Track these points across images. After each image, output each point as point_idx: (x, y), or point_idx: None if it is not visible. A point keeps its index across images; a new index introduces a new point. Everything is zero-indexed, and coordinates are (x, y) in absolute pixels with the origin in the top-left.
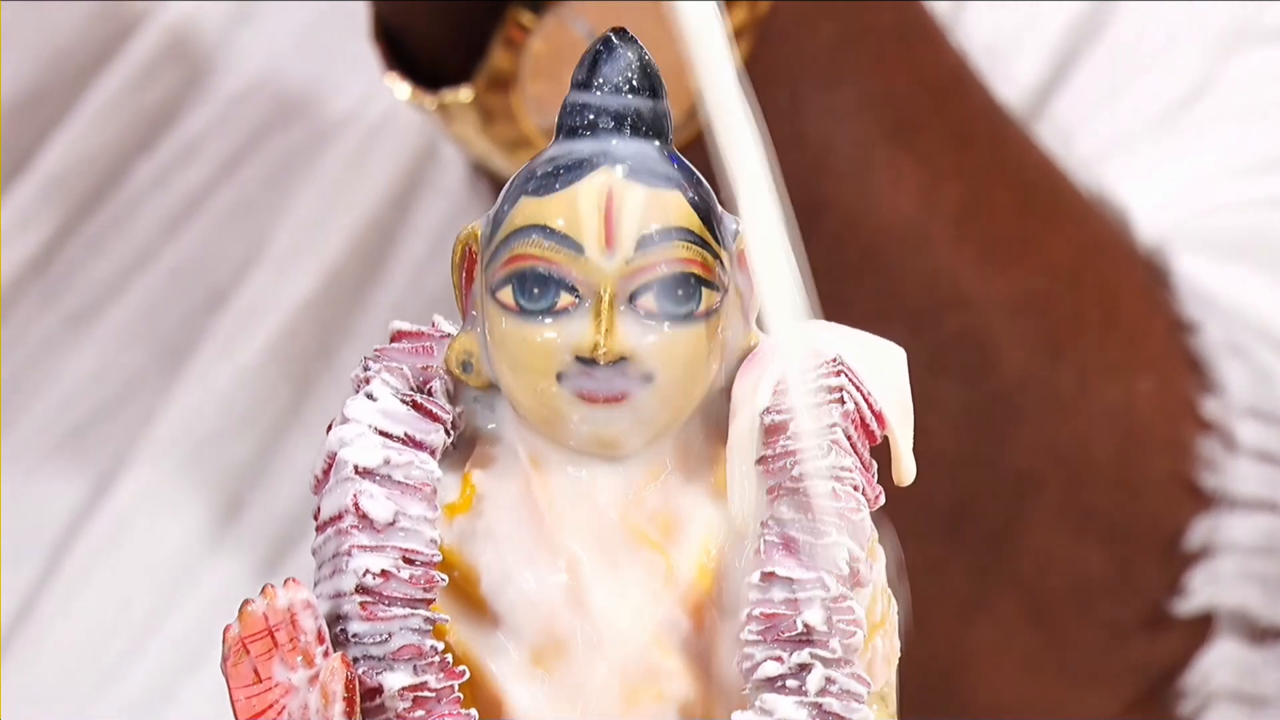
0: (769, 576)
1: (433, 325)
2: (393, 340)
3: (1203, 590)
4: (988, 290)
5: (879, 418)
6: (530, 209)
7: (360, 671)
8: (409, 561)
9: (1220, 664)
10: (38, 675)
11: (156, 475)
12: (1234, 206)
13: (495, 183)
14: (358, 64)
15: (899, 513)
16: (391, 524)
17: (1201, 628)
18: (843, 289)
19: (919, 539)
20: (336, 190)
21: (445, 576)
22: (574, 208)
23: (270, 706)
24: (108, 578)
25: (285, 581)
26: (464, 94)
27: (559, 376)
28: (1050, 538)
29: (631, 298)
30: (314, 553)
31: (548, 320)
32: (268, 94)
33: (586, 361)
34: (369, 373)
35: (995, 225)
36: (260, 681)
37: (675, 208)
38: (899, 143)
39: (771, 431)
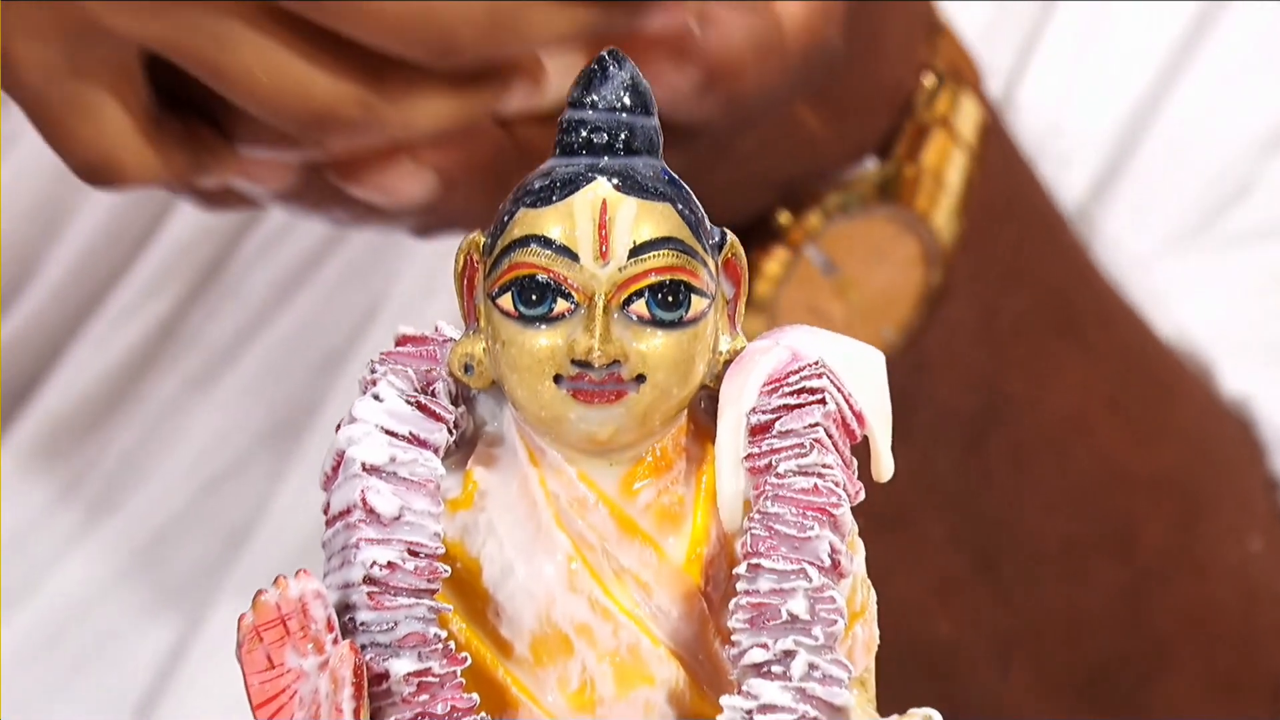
0: (755, 568)
1: (436, 330)
2: (398, 344)
3: None
4: (1134, 468)
5: (859, 418)
6: (528, 220)
7: (368, 658)
8: (414, 554)
9: None
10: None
11: (287, 532)
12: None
13: None
14: None
15: (1039, 670)
16: (397, 518)
17: None
18: (1019, 479)
19: (1054, 696)
20: (440, 256)
21: (448, 568)
22: (570, 219)
23: (283, 691)
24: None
25: (297, 573)
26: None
27: (556, 378)
28: (1182, 695)
29: (624, 303)
30: (323, 545)
31: (545, 325)
32: None
33: (582, 364)
34: (376, 375)
35: (1137, 406)
36: (273, 667)
37: (665, 219)
38: (1061, 333)
39: (756, 431)
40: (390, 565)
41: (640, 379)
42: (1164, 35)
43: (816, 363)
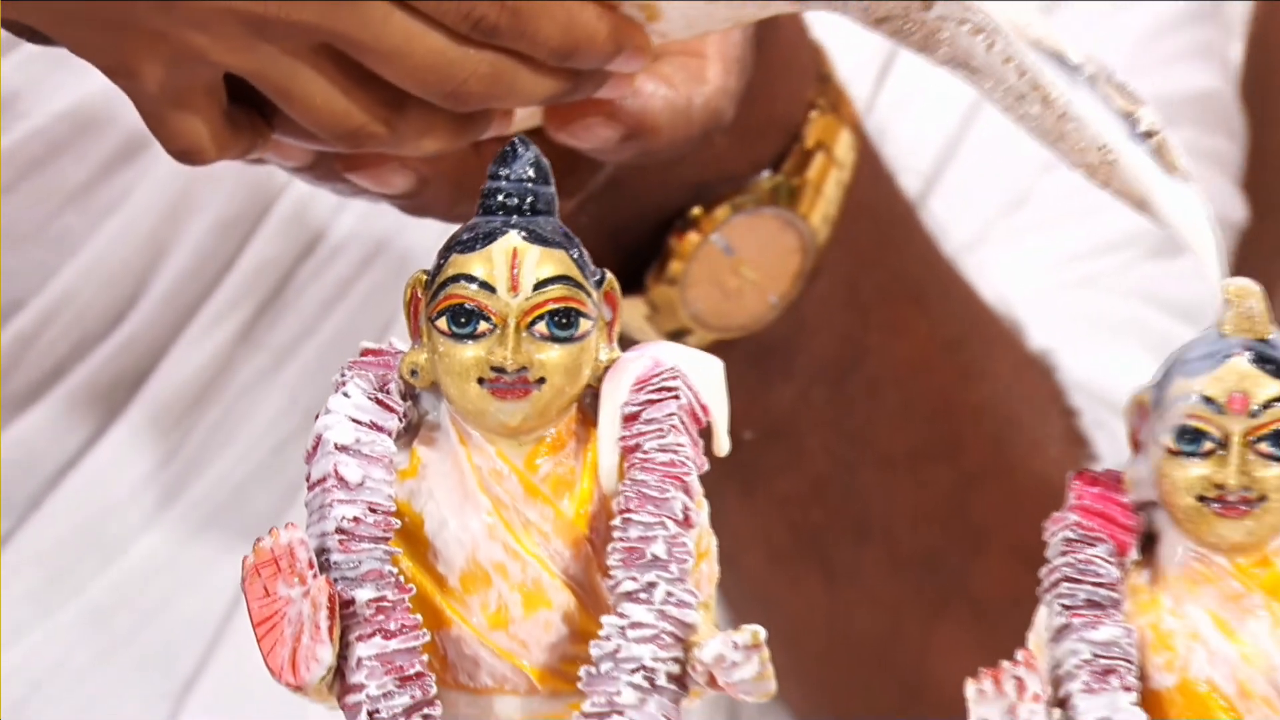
0: (627, 520)
1: (390, 345)
2: (362, 355)
3: None
4: (961, 398)
5: (704, 409)
6: (459, 263)
7: (339, 588)
8: (373, 510)
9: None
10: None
11: None
12: (1070, 285)
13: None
14: None
15: (890, 549)
16: (361, 484)
17: None
18: (873, 405)
19: (901, 570)
20: None
21: (399, 521)
22: (490, 262)
23: (276, 613)
24: None
25: (286, 525)
26: (637, 302)
27: (479, 380)
28: (997, 571)
29: (530, 325)
30: (306, 505)
31: (471, 341)
32: (391, 218)
33: (499, 370)
34: (345, 378)
35: (965, 353)
36: (269, 596)
37: (561, 262)
38: (910, 300)
39: (628, 419)
40: (356, 519)
41: (541, 381)
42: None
43: (672, 368)
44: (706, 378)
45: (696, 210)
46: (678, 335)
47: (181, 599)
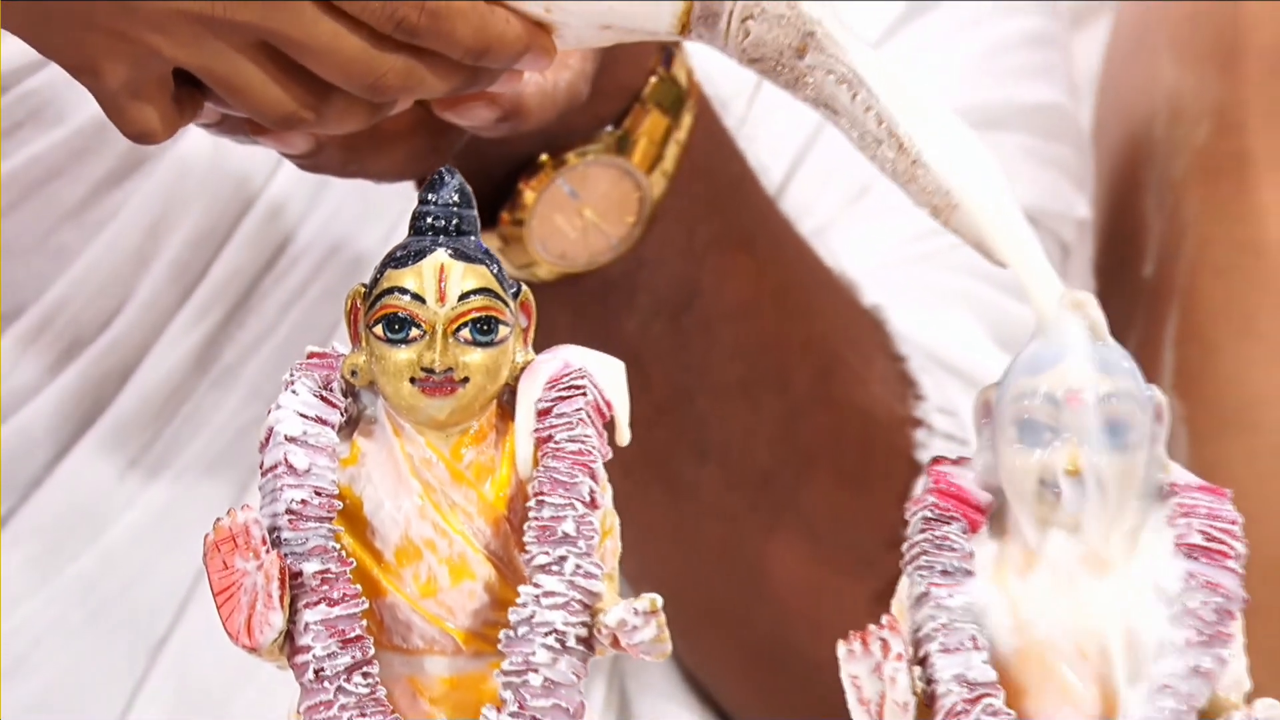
0: (541, 502)
1: (333, 349)
2: (309, 358)
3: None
4: (789, 335)
5: (608, 405)
6: (393, 277)
7: (289, 562)
8: (318, 494)
9: None
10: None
11: None
12: (907, 261)
13: None
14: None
15: (725, 469)
16: (308, 471)
17: None
18: (709, 340)
19: (738, 488)
20: None
21: (341, 503)
22: (420, 276)
23: (233, 584)
24: None
25: (243, 506)
26: (491, 236)
27: (411, 380)
28: (824, 492)
29: (455, 331)
30: (260, 489)
31: (404, 345)
32: (341, 233)
33: (428, 370)
34: (293, 378)
35: (793, 295)
36: (227, 569)
37: (482, 276)
38: (740, 248)
39: (541, 414)
40: (303, 502)
41: (465, 380)
42: None
43: (580, 369)
44: (609, 377)
45: (544, 158)
46: (527, 266)
47: (157, 567)
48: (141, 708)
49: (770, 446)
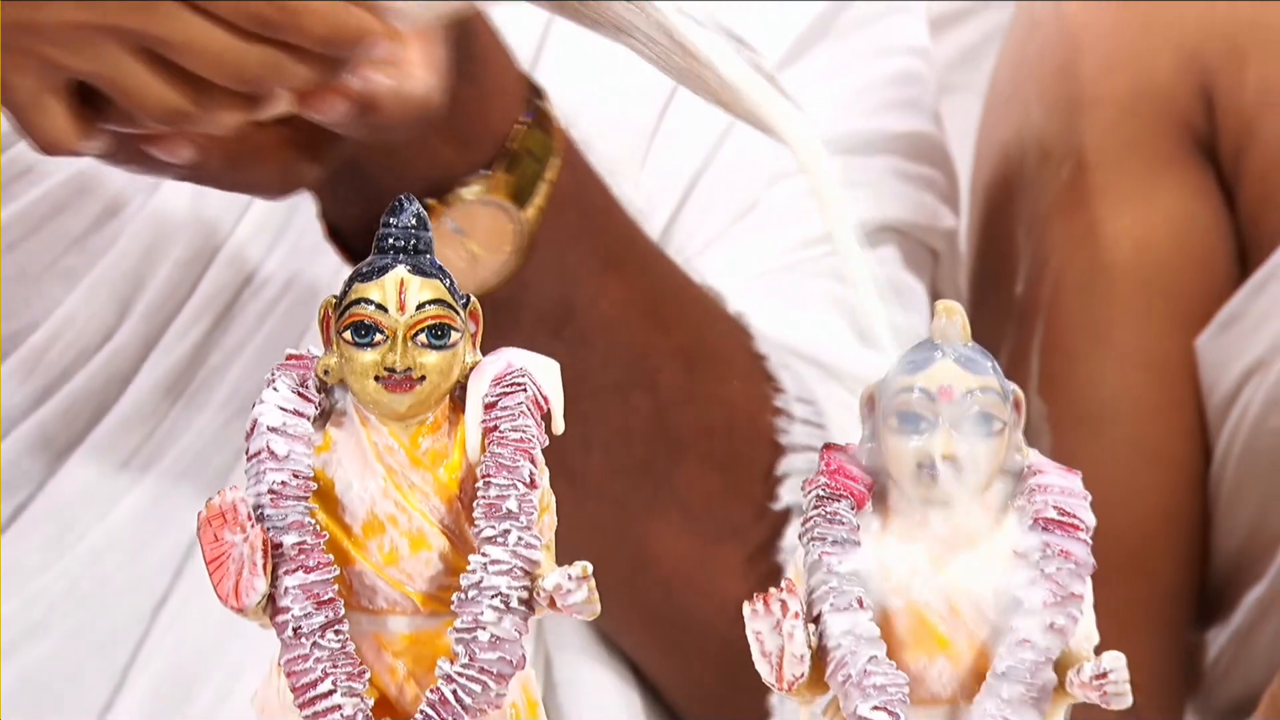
0: (488, 483)
1: (308, 351)
2: (288, 359)
3: (784, 496)
4: (656, 341)
5: (545, 399)
6: (359, 289)
7: (271, 535)
8: (296, 476)
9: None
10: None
11: None
12: (777, 270)
13: None
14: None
15: (609, 459)
16: (287, 456)
17: (787, 515)
18: (586, 351)
19: (620, 475)
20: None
21: (316, 484)
22: (383, 288)
23: (223, 554)
24: None
25: (232, 487)
26: None
27: (376, 378)
28: (696, 477)
29: (414, 336)
30: (246, 472)
31: (370, 349)
32: (299, 265)
33: (390, 370)
34: (274, 376)
35: (662, 307)
36: (218, 541)
37: (436, 289)
38: (609, 268)
39: (488, 407)
40: (283, 483)
41: (423, 378)
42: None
43: (521, 369)
44: (546, 376)
45: (432, 201)
46: None
47: (156, 541)
48: (140, 665)
49: (645, 438)
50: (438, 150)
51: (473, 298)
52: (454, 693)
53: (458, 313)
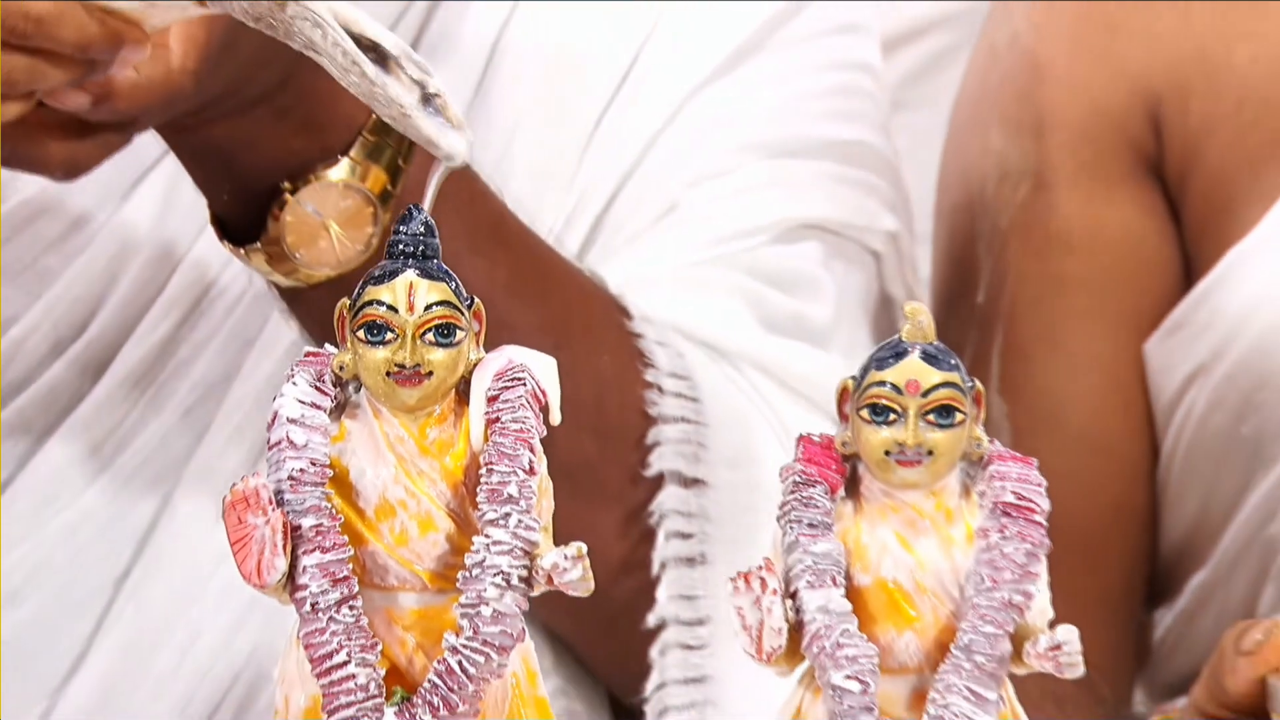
0: (490, 470)
1: (324, 349)
2: (306, 356)
3: (656, 463)
4: (526, 321)
5: (543, 393)
6: (371, 292)
7: (290, 518)
8: (314, 464)
9: (668, 499)
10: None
11: (236, 435)
12: (697, 263)
13: (278, 289)
14: None
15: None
16: (305, 446)
17: (660, 480)
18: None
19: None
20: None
21: (332, 471)
22: (394, 290)
23: (246, 535)
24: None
25: (254, 474)
26: (255, 249)
27: (387, 373)
28: (577, 440)
29: (422, 335)
30: (267, 460)
31: (382, 346)
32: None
33: (400, 366)
34: (294, 372)
35: (528, 287)
36: (242, 523)
37: (443, 291)
38: (476, 251)
39: (491, 400)
40: (302, 470)
41: (430, 374)
42: (648, 119)
43: (521, 365)
44: (544, 371)
45: (286, 185)
46: (293, 274)
47: (124, 517)
48: (106, 629)
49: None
50: (289, 138)
51: (476, 299)
52: (459, 663)
53: (463, 313)
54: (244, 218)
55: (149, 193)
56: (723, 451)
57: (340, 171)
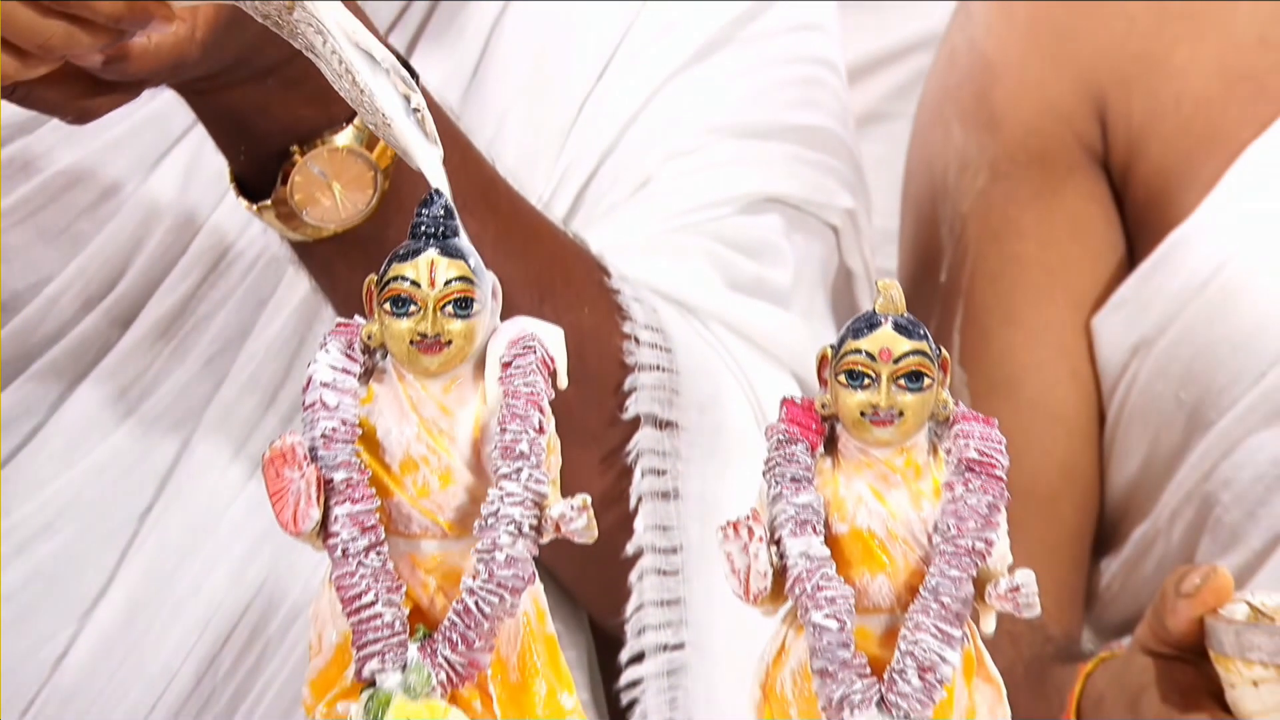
0: (503, 429)
1: (354, 319)
2: (338, 326)
3: (632, 407)
4: (516, 272)
5: (552, 359)
6: (397, 268)
7: (323, 473)
8: (344, 424)
9: (644, 440)
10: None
11: (251, 381)
12: (670, 231)
13: (293, 245)
14: None
15: None
16: (337, 407)
17: (636, 423)
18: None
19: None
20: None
21: (361, 430)
22: (416, 267)
23: (284, 488)
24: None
25: (290, 431)
26: (266, 206)
27: (411, 342)
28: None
29: (442, 307)
30: (301, 420)
31: (405, 318)
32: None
33: (423, 335)
34: (326, 341)
35: (513, 241)
36: (280, 477)
37: (462, 268)
38: (471, 212)
39: (505, 366)
40: (334, 429)
41: (449, 343)
42: (628, 100)
43: (532, 334)
44: (552, 340)
45: (295, 148)
46: (300, 229)
47: (147, 458)
48: (129, 560)
49: None
50: (298, 106)
51: (492, 274)
52: (476, 604)
53: (479, 286)
54: (258, 177)
55: (173, 165)
56: (693, 397)
57: (346, 138)
